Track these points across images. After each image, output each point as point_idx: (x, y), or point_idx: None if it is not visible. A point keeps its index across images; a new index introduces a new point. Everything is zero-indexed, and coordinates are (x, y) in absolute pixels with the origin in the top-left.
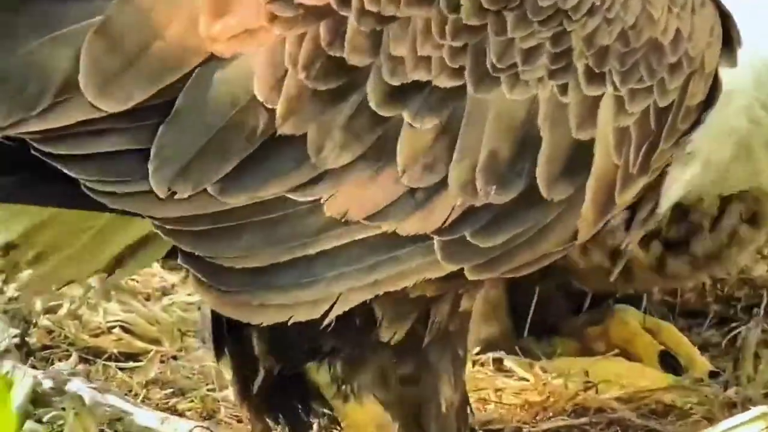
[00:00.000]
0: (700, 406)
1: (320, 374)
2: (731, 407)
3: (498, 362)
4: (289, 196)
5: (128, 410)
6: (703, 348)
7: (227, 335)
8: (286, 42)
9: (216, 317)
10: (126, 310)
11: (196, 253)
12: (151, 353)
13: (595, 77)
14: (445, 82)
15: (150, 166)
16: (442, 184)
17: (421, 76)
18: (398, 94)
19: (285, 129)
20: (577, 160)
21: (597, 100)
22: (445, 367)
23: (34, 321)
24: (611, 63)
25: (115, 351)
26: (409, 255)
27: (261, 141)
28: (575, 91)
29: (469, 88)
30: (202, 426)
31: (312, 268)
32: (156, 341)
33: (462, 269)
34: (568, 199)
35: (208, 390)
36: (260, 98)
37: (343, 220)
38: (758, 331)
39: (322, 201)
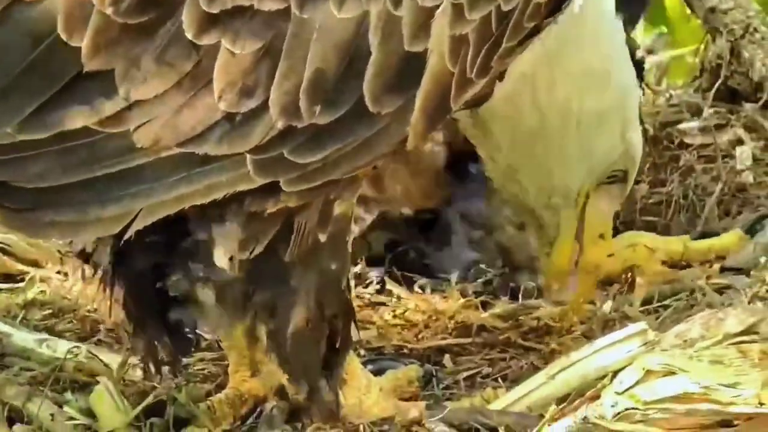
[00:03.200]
0: (579, 324)
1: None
2: (610, 325)
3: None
4: (95, 128)
5: (6, 331)
6: None
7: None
8: None
9: None
10: (5, 232)
11: None
12: (30, 274)
13: None
14: (268, 5)
15: None
16: (263, 107)
17: (242, 0)
18: (217, 21)
19: (92, 65)
20: (408, 71)
21: (432, 10)
22: (305, 286)
23: None
24: None
25: None
26: (218, 169)
27: (65, 80)
28: (410, 2)
29: (294, 10)
30: (81, 346)
31: (111, 186)
32: (35, 263)
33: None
34: (396, 110)
35: (87, 311)
36: (64, 37)
37: (153, 148)
38: None
39: (131, 130)
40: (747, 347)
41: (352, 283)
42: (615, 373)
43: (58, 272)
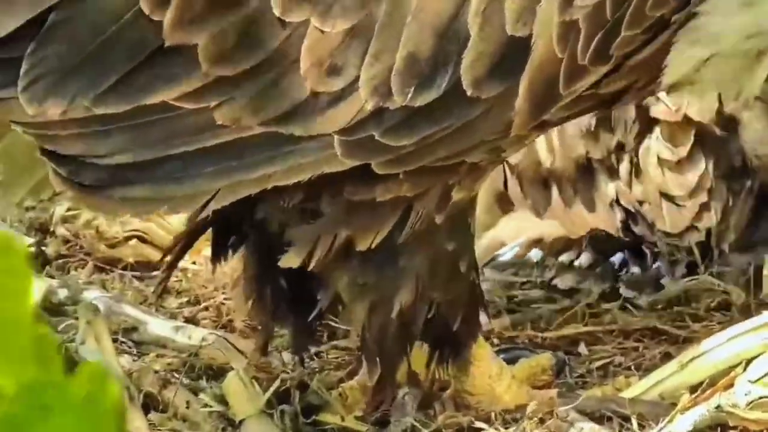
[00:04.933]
0: (715, 313)
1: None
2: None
3: None
4: (174, 104)
5: (143, 319)
6: None
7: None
8: None
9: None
10: (143, 220)
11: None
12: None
13: None
14: None
15: (19, 84)
16: (352, 88)
17: None
18: None
19: (174, 39)
20: (510, 56)
21: None
22: (413, 269)
23: (51, 230)
24: None
25: (132, 261)
26: (302, 150)
27: (145, 54)
28: None
29: None
30: (216, 334)
31: (188, 164)
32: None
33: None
34: (498, 95)
35: (224, 299)
36: (146, 10)
37: (234, 127)
38: None
39: (211, 106)
40: None
41: None
42: (749, 361)
43: (194, 262)
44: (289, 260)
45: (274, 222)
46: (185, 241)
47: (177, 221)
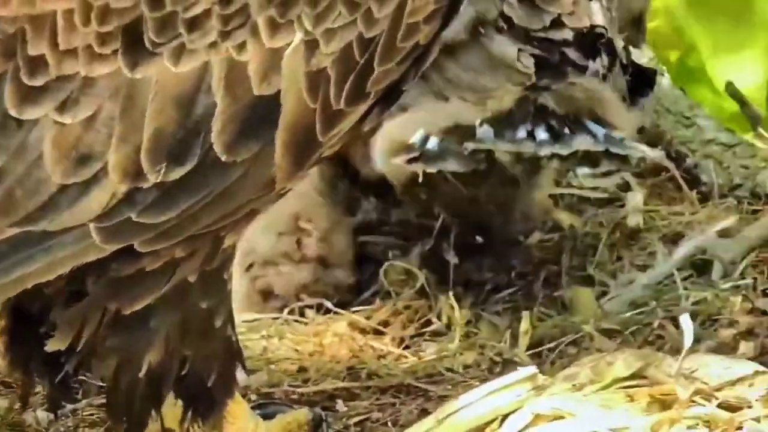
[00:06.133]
0: (469, 369)
1: None
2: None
3: None
4: None
5: None
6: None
7: None
8: None
9: None
10: None
11: None
12: None
13: (280, 28)
14: (96, 70)
15: None
16: (102, 173)
17: (67, 70)
18: (41, 94)
19: None
20: (261, 115)
21: (281, 50)
22: (164, 327)
23: None
24: (301, 8)
25: None
26: (59, 245)
27: None
28: (255, 46)
29: (125, 71)
30: None
31: None
32: None
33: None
34: (254, 156)
35: None
36: None
37: None
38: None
39: None
40: (635, 391)
41: None
42: (504, 417)
43: None
44: (56, 344)
45: (34, 306)
46: None
47: None
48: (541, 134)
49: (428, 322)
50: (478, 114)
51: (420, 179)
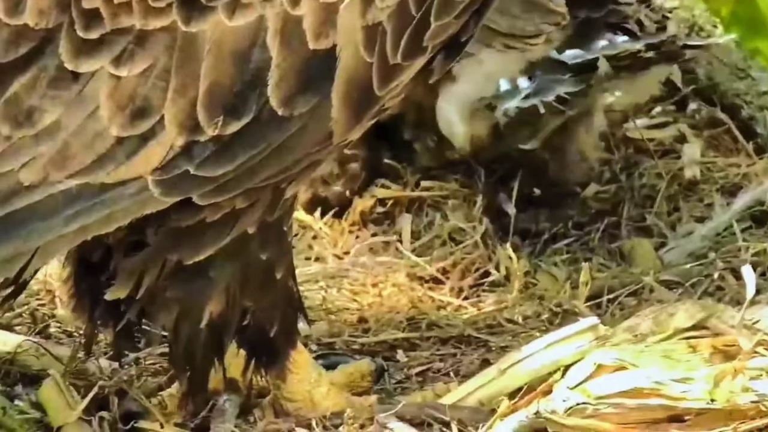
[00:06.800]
0: (530, 319)
1: None
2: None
3: None
4: None
5: None
6: None
7: None
8: None
9: None
10: None
11: None
12: None
13: None
14: (151, 23)
15: None
16: (159, 127)
17: (122, 23)
18: (97, 46)
19: None
20: (317, 70)
21: (336, 5)
22: (224, 279)
23: None
24: None
25: None
26: (118, 198)
27: None
28: (310, 0)
29: (180, 24)
30: (32, 340)
31: (2, 228)
32: None
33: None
34: (311, 110)
35: (38, 305)
36: None
37: (40, 184)
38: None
39: (15, 170)
40: (697, 342)
41: None
42: (566, 368)
43: None
44: (116, 293)
45: (96, 255)
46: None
47: None
48: None
49: (487, 273)
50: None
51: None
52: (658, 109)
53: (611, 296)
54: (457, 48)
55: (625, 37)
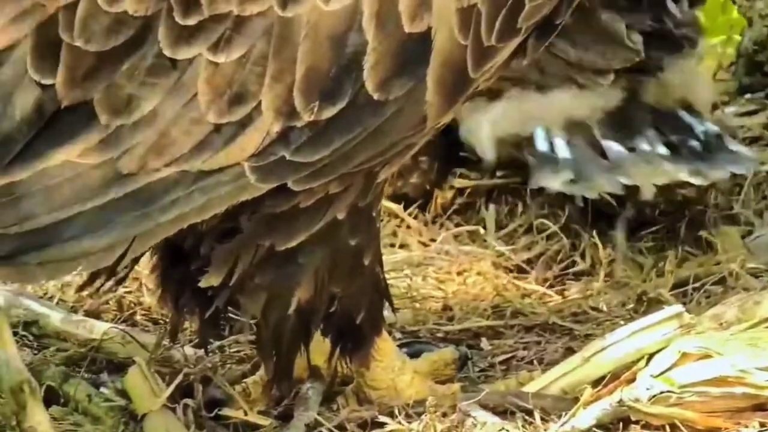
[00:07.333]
0: (615, 307)
1: None
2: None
3: None
4: (79, 161)
5: (43, 312)
6: None
7: None
8: (59, 14)
9: None
10: None
11: None
12: None
13: None
14: (248, 9)
15: None
16: (256, 113)
17: (220, 9)
18: (195, 33)
19: (70, 99)
20: (412, 53)
21: None
22: (313, 264)
23: None
24: None
25: None
26: (215, 185)
27: (44, 120)
28: None
29: (276, 9)
30: (118, 328)
31: (100, 217)
32: None
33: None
34: (406, 94)
35: (125, 292)
36: (36, 77)
37: (139, 173)
38: None
39: (114, 158)
40: None
41: None
42: (650, 356)
43: None
44: (210, 280)
45: (186, 243)
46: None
47: None
48: (660, 148)
49: (572, 263)
50: (584, 106)
51: None
52: (747, 96)
53: (697, 284)
54: (549, 30)
55: None
